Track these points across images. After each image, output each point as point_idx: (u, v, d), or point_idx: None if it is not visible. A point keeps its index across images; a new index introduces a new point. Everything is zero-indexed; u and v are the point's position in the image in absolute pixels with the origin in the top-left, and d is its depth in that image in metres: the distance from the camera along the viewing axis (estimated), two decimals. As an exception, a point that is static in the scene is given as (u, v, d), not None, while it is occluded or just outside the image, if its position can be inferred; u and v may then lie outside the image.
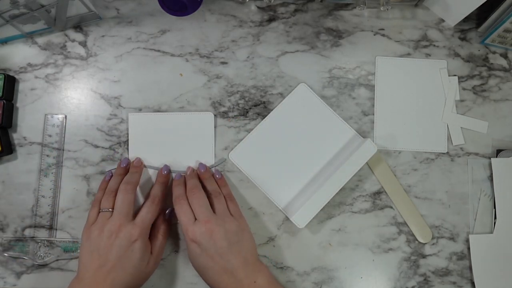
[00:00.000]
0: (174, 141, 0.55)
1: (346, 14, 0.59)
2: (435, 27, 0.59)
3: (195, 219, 0.47)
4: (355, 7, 0.59)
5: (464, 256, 0.54)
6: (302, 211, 0.51)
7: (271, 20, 0.59)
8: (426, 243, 0.54)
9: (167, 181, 0.53)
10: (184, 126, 0.55)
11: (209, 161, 0.55)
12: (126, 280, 0.45)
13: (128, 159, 0.53)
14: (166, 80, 0.57)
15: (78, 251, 0.52)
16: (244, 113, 0.56)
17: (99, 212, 0.48)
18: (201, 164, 0.53)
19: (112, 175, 0.52)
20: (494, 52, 0.59)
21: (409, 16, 0.59)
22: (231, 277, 0.45)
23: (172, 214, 0.53)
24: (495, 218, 0.54)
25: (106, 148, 0.55)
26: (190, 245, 0.47)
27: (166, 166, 0.53)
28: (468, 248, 0.54)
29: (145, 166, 0.54)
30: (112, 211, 0.48)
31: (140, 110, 0.56)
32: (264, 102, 0.57)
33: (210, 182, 0.52)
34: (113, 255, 0.45)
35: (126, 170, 0.52)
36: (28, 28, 0.55)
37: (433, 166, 0.56)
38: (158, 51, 0.57)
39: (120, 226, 0.46)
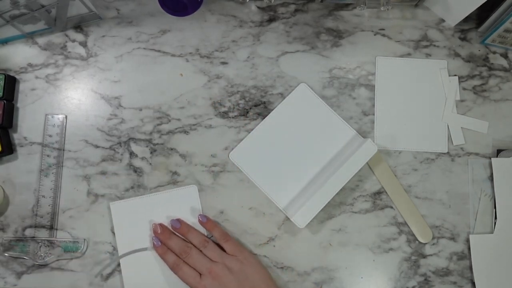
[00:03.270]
0: (161, 221, 0.53)
1: (346, 14, 0.59)
2: (435, 27, 0.59)
3: (200, 274, 0.48)
4: (355, 7, 0.59)
5: (465, 256, 0.54)
6: (302, 211, 0.51)
7: (271, 20, 0.59)
8: (426, 243, 0.54)
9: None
10: (169, 204, 0.53)
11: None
12: None
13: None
14: (166, 80, 0.57)
15: (79, 251, 0.52)
16: (244, 113, 0.56)
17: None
18: (173, 220, 0.52)
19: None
20: (494, 52, 0.59)
21: (409, 16, 0.59)
22: None
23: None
24: (496, 218, 0.54)
25: (106, 148, 0.55)
26: None
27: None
28: (469, 248, 0.54)
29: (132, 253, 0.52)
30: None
31: (140, 110, 0.56)
32: (264, 102, 0.57)
33: (192, 236, 0.51)
34: None
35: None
36: (29, 28, 0.55)
37: (433, 166, 0.56)
38: (159, 51, 0.58)
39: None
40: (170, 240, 0.51)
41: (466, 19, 0.56)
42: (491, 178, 0.55)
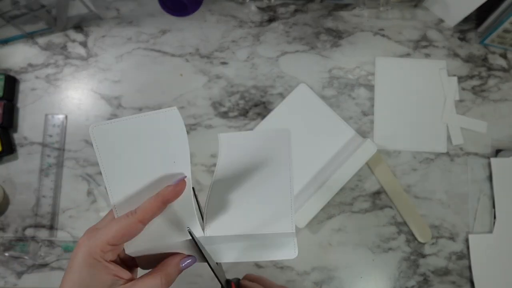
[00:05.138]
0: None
1: (346, 15, 0.59)
2: (434, 27, 0.59)
3: None
4: (355, 8, 0.59)
5: (464, 255, 0.54)
6: (302, 211, 0.51)
7: (271, 20, 0.59)
8: (425, 243, 0.54)
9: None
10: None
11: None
12: None
13: None
14: (166, 80, 0.57)
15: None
16: (244, 113, 0.56)
17: None
18: None
19: None
20: (493, 52, 0.59)
21: (409, 17, 0.59)
22: None
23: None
24: (495, 218, 0.54)
25: (106, 148, 0.55)
26: None
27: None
28: (468, 248, 0.54)
29: None
30: None
31: (140, 110, 0.56)
32: (264, 102, 0.57)
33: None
34: None
35: None
36: (29, 28, 0.55)
37: (432, 166, 0.56)
38: (159, 51, 0.58)
39: None
40: None
41: (466, 20, 0.57)
42: (490, 178, 0.55)
